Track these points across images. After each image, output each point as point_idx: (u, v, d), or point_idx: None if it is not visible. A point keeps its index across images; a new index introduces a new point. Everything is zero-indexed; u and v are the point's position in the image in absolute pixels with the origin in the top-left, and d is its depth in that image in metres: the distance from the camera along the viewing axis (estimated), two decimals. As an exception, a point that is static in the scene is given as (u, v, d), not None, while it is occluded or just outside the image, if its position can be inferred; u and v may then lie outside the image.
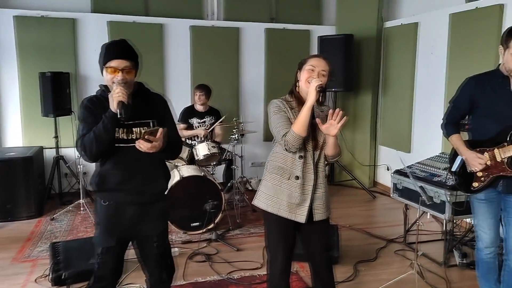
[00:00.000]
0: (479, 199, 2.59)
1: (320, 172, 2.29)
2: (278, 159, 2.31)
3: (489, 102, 2.49)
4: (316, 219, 2.28)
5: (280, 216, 2.26)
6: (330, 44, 5.43)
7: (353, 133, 6.03)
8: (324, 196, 2.30)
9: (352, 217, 4.84)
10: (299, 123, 2.15)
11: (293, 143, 2.16)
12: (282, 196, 2.25)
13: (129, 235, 2.19)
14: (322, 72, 2.22)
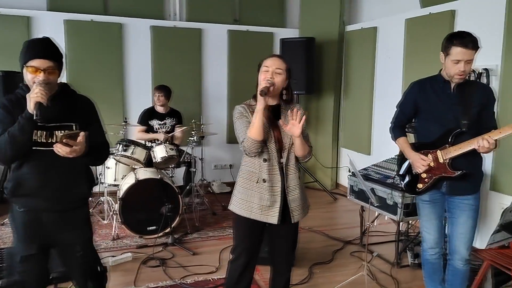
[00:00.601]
0: (424, 201, 2.64)
1: (291, 174, 2.27)
2: (247, 163, 2.33)
3: (432, 106, 2.54)
4: (294, 221, 2.30)
5: (252, 219, 2.27)
6: (292, 46, 5.45)
7: (315, 135, 6.07)
8: (300, 198, 2.30)
9: (313, 219, 4.84)
10: (253, 128, 2.15)
11: (251, 148, 2.18)
12: (253, 199, 2.27)
13: (50, 243, 2.09)
14: (277, 71, 2.21)
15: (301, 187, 2.32)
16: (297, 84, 5.44)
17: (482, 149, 2.32)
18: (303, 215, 2.33)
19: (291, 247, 2.42)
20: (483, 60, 3.63)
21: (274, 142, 2.24)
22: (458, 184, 2.49)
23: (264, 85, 2.13)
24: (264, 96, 2.10)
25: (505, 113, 3.49)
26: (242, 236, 2.38)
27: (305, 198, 2.37)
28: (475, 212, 2.54)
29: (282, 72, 2.22)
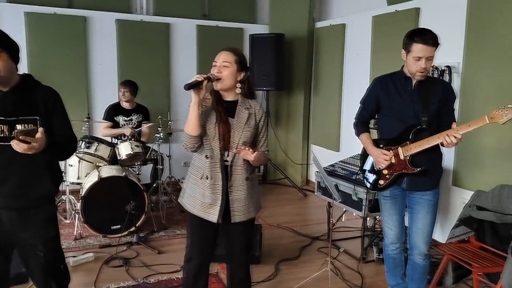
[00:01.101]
0: (385, 196, 2.66)
1: (237, 174, 2.21)
2: (195, 158, 2.28)
3: (393, 103, 2.56)
4: (234, 221, 2.23)
5: (196, 215, 2.23)
6: (262, 43, 5.42)
7: (286, 132, 6.07)
8: (245, 199, 2.23)
9: (282, 215, 4.85)
10: (188, 122, 2.10)
11: (186, 143, 2.14)
12: (197, 195, 2.22)
13: (9, 242, 2.00)
14: (224, 64, 2.15)
15: (250, 188, 2.25)
16: (267, 80, 5.43)
17: (451, 145, 2.33)
18: (247, 216, 2.25)
19: (244, 247, 2.36)
20: (445, 58, 3.69)
21: (218, 139, 2.16)
22: (417, 180, 2.51)
23: (194, 79, 2.04)
24: (189, 90, 2.02)
25: (466, 110, 3.56)
26: (193, 233, 2.33)
27: (256, 199, 2.31)
28: (434, 208, 2.57)
29: (229, 65, 2.15)
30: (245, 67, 2.22)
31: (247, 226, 2.32)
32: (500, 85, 3.27)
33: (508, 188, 2.77)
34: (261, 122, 2.26)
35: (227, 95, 2.23)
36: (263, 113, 2.27)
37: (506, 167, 3.24)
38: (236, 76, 2.18)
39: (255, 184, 2.32)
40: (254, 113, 2.22)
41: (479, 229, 2.94)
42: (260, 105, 2.29)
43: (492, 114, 2.25)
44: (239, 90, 2.21)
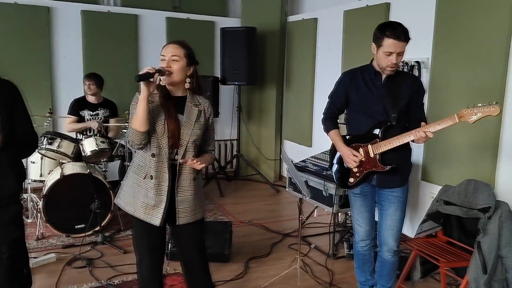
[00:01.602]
0: (355, 194, 2.62)
1: (185, 174, 2.12)
2: (139, 156, 2.15)
3: (362, 97, 2.51)
4: (180, 223, 2.14)
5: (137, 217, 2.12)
6: (233, 36, 5.32)
7: (258, 127, 6.00)
8: (192, 200, 2.15)
9: (254, 212, 4.79)
10: (135, 117, 2.00)
11: (132, 139, 2.02)
12: (138, 196, 2.10)
13: None
14: (173, 58, 2.04)
15: (197, 188, 2.18)
16: (238, 75, 5.34)
17: (420, 141, 2.31)
18: (193, 217, 2.17)
19: (194, 248, 2.26)
20: (415, 53, 3.69)
21: (167, 137, 2.06)
22: (387, 178, 2.49)
23: (145, 71, 1.93)
24: (139, 82, 1.92)
25: (435, 106, 3.57)
26: (138, 236, 2.22)
27: (201, 200, 2.24)
28: (403, 204, 2.55)
29: (179, 58, 2.04)
30: (194, 60, 2.13)
31: (195, 227, 2.22)
32: (468, 81, 3.29)
33: (475, 182, 2.79)
34: (210, 120, 2.18)
35: (176, 91, 2.13)
36: (212, 110, 2.20)
37: (473, 162, 3.27)
38: (186, 71, 2.08)
39: (200, 185, 2.25)
40: (203, 110, 2.14)
41: (446, 224, 2.95)
42: (209, 102, 2.21)
43: (462, 112, 2.24)
44: (188, 85, 2.11)
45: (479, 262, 2.52)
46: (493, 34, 3.07)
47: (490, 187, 2.70)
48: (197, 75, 2.15)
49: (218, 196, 5.25)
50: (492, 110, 2.16)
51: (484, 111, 2.17)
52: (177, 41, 2.11)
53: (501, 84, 3.04)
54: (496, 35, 3.05)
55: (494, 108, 2.16)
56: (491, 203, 2.60)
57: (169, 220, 2.15)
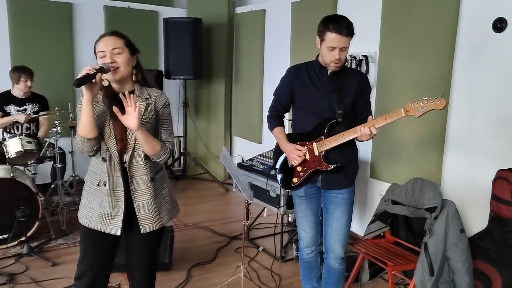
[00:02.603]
0: (299, 196, 2.46)
1: (138, 176, 1.90)
2: (92, 162, 1.95)
3: (307, 94, 2.35)
4: (145, 230, 1.93)
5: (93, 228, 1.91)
6: (177, 27, 5.01)
7: (207, 123, 5.75)
8: (153, 203, 1.92)
9: (200, 213, 4.55)
10: (80, 124, 1.79)
11: (81, 147, 1.83)
12: (93, 206, 1.91)
13: None
14: (115, 51, 1.82)
15: (158, 190, 1.96)
16: (183, 68, 5.06)
17: (364, 137, 2.17)
18: (158, 224, 1.96)
19: (147, 262, 2.03)
20: (363, 47, 3.58)
21: (114, 138, 1.86)
22: (332, 178, 2.33)
23: (85, 73, 1.70)
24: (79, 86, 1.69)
25: (382, 101, 3.48)
26: (88, 248, 1.99)
27: (169, 202, 2.02)
28: (350, 207, 2.41)
29: (121, 50, 1.83)
30: (135, 49, 1.91)
31: (155, 236, 2.00)
32: (415, 75, 3.21)
33: (422, 181, 2.71)
34: (163, 110, 1.95)
35: (123, 87, 1.90)
36: (166, 100, 1.96)
37: (420, 158, 3.21)
38: (131, 62, 1.88)
39: (164, 185, 2.02)
40: (153, 103, 1.92)
41: (394, 224, 2.86)
42: (162, 93, 1.97)
43: (408, 106, 2.12)
44: (134, 77, 1.90)
45: (426, 264, 2.44)
46: (439, 28, 3.00)
47: (436, 186, 2.63)
48: (141, 65, 1.95)
49: (163, 197, 4.95)
50: (438, 103, 2.06)
51: (430, 104, 2.08)
52: (111, 32, 1.89)
53: (447, 79, 2.98)
54: (442, 29, 2.99)
55: (440, 101, 2.06)
56: (437, 202, 2.52)
57: (127, 229, 1.95)
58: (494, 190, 2.61)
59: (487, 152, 2.77)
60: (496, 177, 2.61)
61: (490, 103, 2.75)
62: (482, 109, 2.80)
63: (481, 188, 2.78)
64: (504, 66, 2.66)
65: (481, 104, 2.81)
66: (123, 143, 1.87)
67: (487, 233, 2.66)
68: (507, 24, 2.62)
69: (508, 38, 2.63)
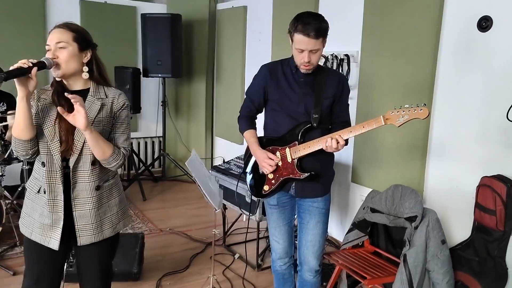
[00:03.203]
0: (271, 205, 2.30)
1: (81, 183, 1.73)
2: (35, 166, 1.79)
3: (282, 95, 2.19)
4: (81, 243, 1.76)
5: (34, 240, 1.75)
6: (155, 24, 4.81)
7: (187, 124, 5.56)
8: (96, 214, 1.76)
9: (177, 217, 4.37)
10: (15, 123, 1.63)
11: (17, 148, 1.68)
12: (35, 215, 1.76)
13: None
14: (59, 45, 1.67)
15: (104, 199, 1.80)
16: (162, 66, 4.86)
17: (330, 149, 2.02)
18: (98, 236, 1.79)
19: (95, 276, 1.87)
20: (344, 46, 3.44)
21: (58, 140, 1.70)
22: (306, 186, 2.18)
23: (17, 65, 1.57)
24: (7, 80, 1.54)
25: (364, 101, 3.34)
26: (31, 262, 1.83)
27: (116, 213, 1.85)
28: (325, 217, 2.26)
29: (66, 45, 1.67)
30: (88, 44, 1.74)
31: (100, 248, 1.84)
32: (398, 76, 3.07)
33: (402, 188, 2.57)
34: (120, 112, 1.79)
35: (74, 84, 1.76)
36: (125, 101, 1.80)
37: (402, 164, 3.07)
38: (80, 58, 1.71)
39: (114, 194, 1.85)
40: (110, 104, 1.76)
41: (373, 232, 2.72)
42: (121, 93, 1.82)
43: (388, 114, 1.97)
44: (86, 75, 1.74)
45: (405, 277, 2.29)
46: (423, 26, 2.86)
47: (417, 194, 2.49)
48: (98, 61, 1.79)
49: (140, 200, 4.77)
50: (420, 113, 1.91)
51: (412, 113, 1.92)
52: (63, 24, 1.73)
53: (430, 81, 2.84)
54: (425, 27, 2.84)
55: (422, 110, 1.91)
56: (418, 211, 2.38)
57: (72, 240, 1.79)
58: (477, 198, 2.48)
59: (471, 157, 2.64)
60: (479, 185, 2.48)
61: (475, 106, 2.62)
62: (467, 112, 2.66)
63: (465, 195, 2.65)
64: (489, 67, 2.53)
65: (465, 107, 2.67)
66: (68, 144, 1.70)
67: (470, 243, 2.53)
68: (492, 23, 2.49)
69: (493, 37, 2.50)
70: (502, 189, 2.35)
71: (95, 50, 1.78)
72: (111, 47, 5.00)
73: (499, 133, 2.50)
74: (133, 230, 3.94)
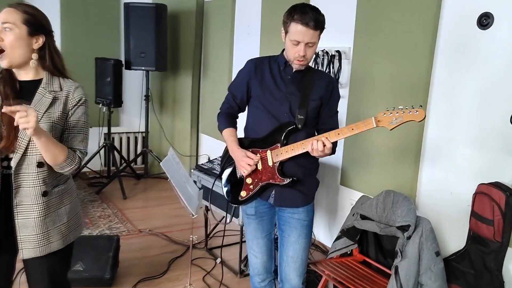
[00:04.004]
0: (249, 215, 2.10)
1: (26, 187, 1.52)
2: None
3: (266, 91, 2.00)
4: (25, 256, 1.55)
5: None
6: (139, 13, 4.58)
7: (172, 119, 5.35)
8: (41, 224, 1.55)
9: (159, 218, 4.17)
10: None
11: None
12: None
13: None
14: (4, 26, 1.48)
15: (53, 207, 1.59)
16: (145, 58, 4.64)
17: (316, 153, 1.84)
18: (43, 250, 1.58)
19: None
20: (336, 42, 3.26)
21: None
22: (287, 194, 1.99)
23: None
24: None
25: (355, 100, 3.17)
26: None
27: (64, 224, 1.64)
28: (308, 229, 2.07)
29: (13, 26, 1.48)
30: (41, 28, 1.55)
31: (48, 261, 1.63)
32: (391, 74, 2.90)
33: (394, 194, 2.40)
34: (76, 109, 1.59)
35: (23, 73, 1.56)
36: (82, 96, 1.60)
37: (394, 168, 2.91)
38: (30, 43, 1.52)
39: (65, 201, 1.64)
40: (64, 98, 1.56)
41: (363, 241, 2.56)
42: (78, 86, 1.61)
43: (380, 116, 1.79)
44: (34, 63, 1.54)
45: (396, 291, 2.13)
46: (419, 22, 2.69)
47: (410, 201, 2.33)
48: (53, 49, 1.59)
49: (120, 198, 4.56)
50: (415, 115, 1.74)
51: (406, 116, 1.75)
52: (15, 3, 1.53)
53: (426, 78, 2.68)
54: (422, 24, 2.68)
55: (418, 112, 1.74)
56: (411, 220, 2.22)
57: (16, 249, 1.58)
58: (474, 207, 2.33)
59: (467, 163, 2.49)
60: (476, 192, 2.33)
61: (472, 108, 2.46)
62: (463, 114, 2.51)
63: (460, 202, 2.50)
64: (489, 67, 2.37)
65: (462, 109, 2.52)
66: (9, 140, 1.49)
67: (465, 254, 2.38)
68: (493, 20, 2.33)
69: (494, 36, 2.33)
70: (501, 198, 2.20)
71: (51, 38, 1.58)
72: (92, 37, 4.77)
73: (497, 138, 2.35)
74: (110, 231, 3.74)
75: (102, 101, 4.61)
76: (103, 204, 4.37)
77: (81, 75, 1.83)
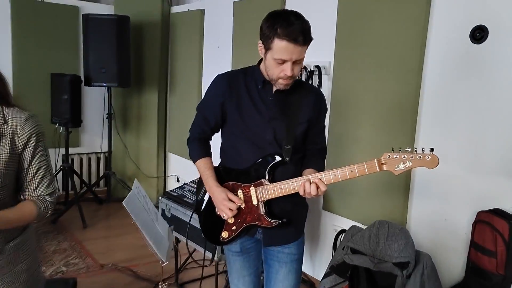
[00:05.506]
0: (234, 252, 1.83)
1: None
2: None
3: (246, 117, 1.71)
4: None
5: None
6: (99, 26, 4.23)
7: (137, 138, 4.98)
8: None
9: (123, 249, 3.78)
10: None
11: None
12: None
13: None
14: None
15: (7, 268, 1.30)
16: (106, 74, 4.28)
17: (308, 196, 1.58)
18: None
19: None
20: (315, 56, 3.01)
21: None
22: (276, 233, 1.73)
23: None
24: None
25: (337, 120, 2.94)
26: None
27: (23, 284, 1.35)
28: (298, 264, 1.82)
29: None
30: None
31: None
32: (377, 91, 2.69)
33: (389, 226, 2.17)
34: (32, 150, 1.28)
35: None
36: (34, 130, 1.28)
37: (380, 192, 2.68)
38: None
39: (22, 256, 1.34)
40: (10, 134, 1.25)
41: (354, 277, 2.30)
42: (28, 117, 1.29)
43: (384, 158, 1.53)
44: None
45: (397, 339, 1.88)
46: (406, 36, 2.50)
47: (408, 234, 2.10)
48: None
49: (80, 228, 4.13)
50: (427, 161, 1.48)
51: (416, 161, 1.49)
52: None
53: (415, 97, 2.48)
54: (409, 37, 2.49)
55: (430, 158, 1.48)
56: (410, 256, 1.98)
57: None
58: (473, 237, 2.13)
59: (462, 188, 2.29)
60: (476, 221, 2.13)
61: (467, 128, 2.27)
62: (457, 135, 2.32)
63: (456, 230, 2.29)
64: (484, 84, 2.20)
65: (455, 129, 2.33)
66: None
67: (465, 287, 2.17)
68: (488, 33, 2.16)
69: (489, 50, 2.17)
70: (504, 227, 2.01)
71: None
72: (48, 51, 4.37)
73: (494, 160, 2.17)
74: (66, 267, 3.33)
75: (58, 121, 4.19)
76: (59, 235, 3.93)
77: (35, 93, 1.50)
